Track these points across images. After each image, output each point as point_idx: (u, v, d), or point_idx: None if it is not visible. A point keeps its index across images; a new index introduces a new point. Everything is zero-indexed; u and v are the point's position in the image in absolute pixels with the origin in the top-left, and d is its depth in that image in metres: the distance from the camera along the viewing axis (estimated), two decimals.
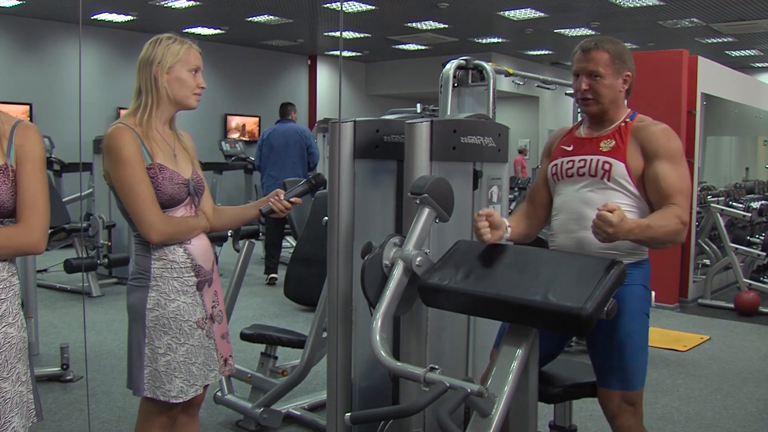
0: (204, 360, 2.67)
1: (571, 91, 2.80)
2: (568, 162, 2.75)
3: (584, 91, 2.70)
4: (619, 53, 2.68)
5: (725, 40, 13.15)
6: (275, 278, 8.48)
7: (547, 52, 15.76)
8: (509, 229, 2.67)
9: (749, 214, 7.61)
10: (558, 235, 2.76)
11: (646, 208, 2.66)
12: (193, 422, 2.89)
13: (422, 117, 4.95)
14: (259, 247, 9.82)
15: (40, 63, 12.32)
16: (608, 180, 2.64)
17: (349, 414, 2.28)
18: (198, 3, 11.15)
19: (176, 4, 11.18)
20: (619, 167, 2.63)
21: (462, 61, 5.36)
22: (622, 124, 2.70)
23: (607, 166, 2.64)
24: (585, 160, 2.70)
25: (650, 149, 2.62)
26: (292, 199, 2.88)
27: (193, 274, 2.65)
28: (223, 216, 2.91)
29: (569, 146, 2.79)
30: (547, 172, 2.85)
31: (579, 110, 2.93)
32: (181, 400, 2.61)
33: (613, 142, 2.67)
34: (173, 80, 2.62)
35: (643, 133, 2.65)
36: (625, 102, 2.78)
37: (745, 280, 7.53)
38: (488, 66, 5.37)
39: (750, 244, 7.77)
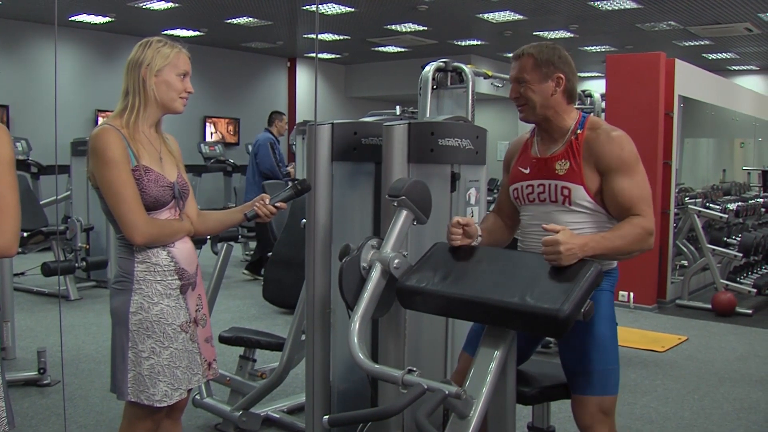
0: (188, 364, 2.66)
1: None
2: (527, 187, 2.74)
3: (515, 98, 2.72)
4: (546, 57, 2.66)
5: (702, 43, 13.24)
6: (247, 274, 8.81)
7: None
8: (479, 238, 2.65)
9: (726, 216, 7.67)
10: (528, 251, 2.76)
11: (607, 219, 2.65)
12: (176, 427, 2.87)
13: (401, 119, 4.95)
14: (237, 250, 9.82)
15: (17, 65, 12.20)
16: (569, 204, 2.63)
17: (327, 417, 2.28)
18: (177, 5, 11.10)
19: (155, 6, 11.11)
20: (578, 191, 2.61)
21: (441, 63, 5.37)
22: (573, 138, 2.66)
23: (566, 192, 2.63)
24: (543, 185, 2.69)
25: (604, 164, 2.59)
26: (277, 204, 2.87)
27: (176, 277, 2.64)
28: (208, 220, 2.90)
29: (526, 168, 2.77)
30: (510, 194, 2.85)
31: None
32: (165, 404, 2.60)
33: (568, 164, 2.63)
34: (161, 83, 2.61)
35: (595, 147, 2.61)
36: (572, 105, 2.74)
37: (722, 280, 7.59)
38: (467, 68, 5.37)
39: (727, 245, 7.84)
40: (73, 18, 11.96)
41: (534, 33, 12.83)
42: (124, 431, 2.70)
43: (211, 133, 15.06)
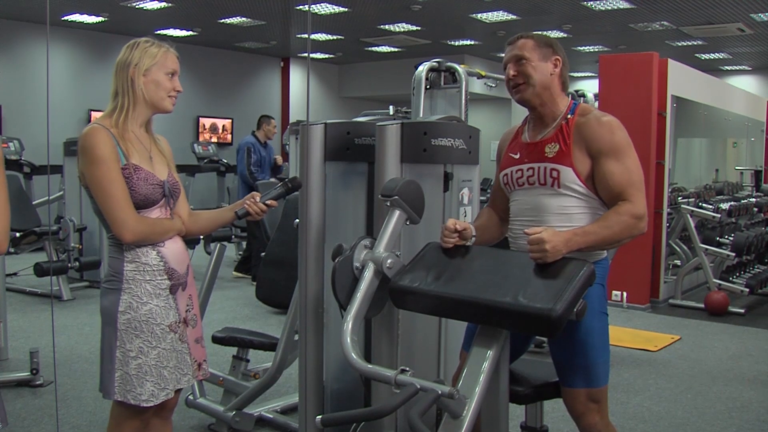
0: (176, 364, 2.66)
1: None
2: (517, 171, 2.75)
3: (513, 77, 2.70)
4: (544, 41, 2.70)
5: (695, 43, 13.27)
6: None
7: None
8: (473, 239, 2.67)
9: (719, 215, 7.69)
10: (518, 239, 2.76)
11: (599, 206, 2.66)
12: (166, 426, 2.87)
13: (394, 119, 4.95)
14: (230, 250, 9.81)
15: (9, 64, 12.16)
16: (558, 187, 2.63)
17: (320, 417, 2.28)
18: (170, 4, 11.08)
19: (148, 6, 11.09)
20: (567, 173, 2.62)
21: (434, 63, 5.37)
22: (564, 123, 2.67)
23: (555, 174, 2.63)
24: (533, 169, 2.69)
25: (595, 148, 2.60)
26: (268, 202, 2.86)
27: (166, 277, 2.63)
28: (200, 220, 2.89)
29: (516, 153, 2.78)
30: (500, 181, 2.86)
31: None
32: (151, 404, 2.59)
33: (558, 146, 2.64)
34: (150, 83, 2.62)
35: (586, 131, 2.62)
36: (565, 94, 2.76)
37: (714, 280, 7.61)
38: (460, 68, 5.37)
39: (719, 245, 7.85)
40: (65, 17, 11.94)
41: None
42: (112, 430, 2.70)
43: (208, 135, 15.02)
